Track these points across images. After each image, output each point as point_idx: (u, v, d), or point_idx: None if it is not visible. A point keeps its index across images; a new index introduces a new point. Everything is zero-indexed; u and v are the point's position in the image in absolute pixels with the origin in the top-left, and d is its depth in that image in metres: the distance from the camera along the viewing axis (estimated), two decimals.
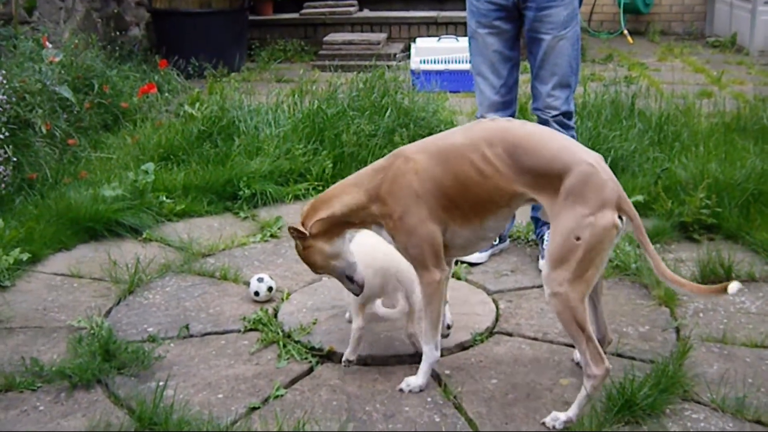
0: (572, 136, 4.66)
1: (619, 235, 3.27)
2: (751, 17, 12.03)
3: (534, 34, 4.65)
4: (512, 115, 4.78)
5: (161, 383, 3.46)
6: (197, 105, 6.85)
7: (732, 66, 11.01)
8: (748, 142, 6.35)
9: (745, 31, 12.25)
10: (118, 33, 9.93)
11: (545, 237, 4.69)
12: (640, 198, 5.26)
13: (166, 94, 8.14)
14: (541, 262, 4.59)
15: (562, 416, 3.27)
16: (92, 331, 3.92)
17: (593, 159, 3.31)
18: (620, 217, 3.23)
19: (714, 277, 4.43)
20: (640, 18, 14.00)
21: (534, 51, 4.69)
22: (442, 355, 3.66)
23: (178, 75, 8.81)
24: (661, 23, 14.02)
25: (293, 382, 3.62)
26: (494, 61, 4.73)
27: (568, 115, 4.71)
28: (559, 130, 4.36)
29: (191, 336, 4.01)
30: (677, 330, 4.04)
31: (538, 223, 4.82)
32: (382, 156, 6.15)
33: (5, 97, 5.47)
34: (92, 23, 9.58)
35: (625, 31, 13.28)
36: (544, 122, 4.66)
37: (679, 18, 14.15)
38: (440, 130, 6.54)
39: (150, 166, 5.67)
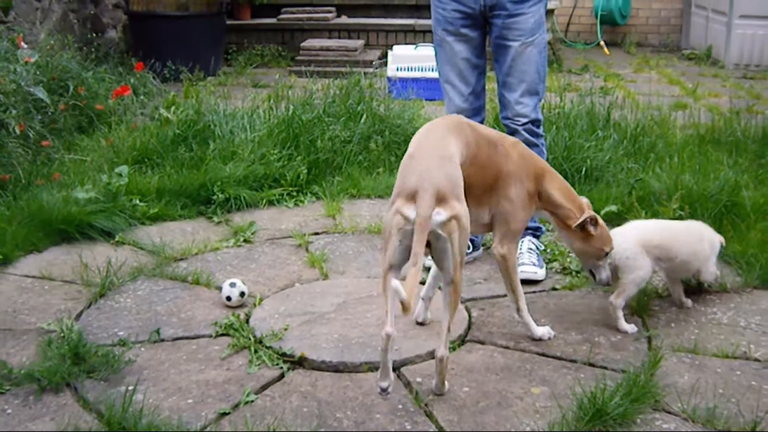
0: (542, 144, 4.78)
1: (410, 226, 3.27)
2: (727, 30, 12.12)
3: (501, 41, 4.66)
4: (482, 122, 4.78)
5: (131, 387, 3.44)
6: (173, 108, 6.82)
7: (707, 78, 11.09)
8: (721, 154, 6.40)
9: (721, 44, 12.34)
10: (94, 35, 9.91)
11: (521, 245, 4.71)
12: (614, 208, 5.29)
13: (142, 97, 8.10)
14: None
15: None
16: (62, 334, 3.89)
17: (439, 150, 3.48)
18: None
19: (686, 287, 4.45)
20: (616, 29, 14.08)
21: (501, 59, 4.69)
22: (412, 363, 3.69)
23: (154, 78, 8.77)
24: (637, 35, 14.11)
25: (264, 387, 3.59)
26: (462, 68, 4.73)
27: (536, 123, 4.73)
28: (529, 139, 4.61)
29: (162, 340, 3.99)
30: (649, 340, 4.05)
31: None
32: (357, 162, 6.22)
33: None
34: (69, 24, 9.55)
35: (602, 42, 13.36)
36: (512, 131, 4.66)
37: (655, 30, 14.24)
38: None
39: (124, 169, 5.64)
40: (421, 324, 4.08)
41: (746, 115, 7.66)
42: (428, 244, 3.35)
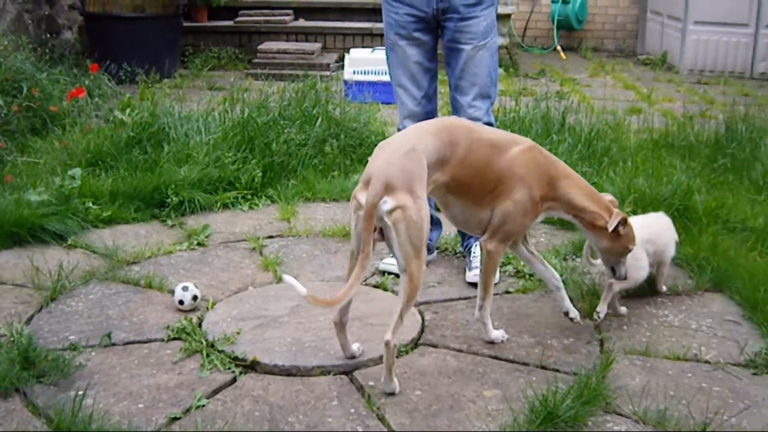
0: None
1: (362, 211, 3.47)
2: (682, 36, 12.23)
3: (454, 45, 4.65)
4: None
5: (80, 392, 3.41)
6: (128, 111, 6.77)
7: (662, 83, 11.19)
8: (675, 158, 6.47)
9: (676, 49, 12.46)
10: (49, 36, 9.81)
11: (472, 249, 4.72)
12: None
13: (97, 99, 8.01)
14: (468, 274, 4.62)
15: None
16: (12, 339, 3.84)
17: (403, 145, 3.63)
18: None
19: (638, 291, 4.49)
20: (573, 34, 14.16)
21: (453, 62, 4.69)
22: (365, 366, 3.71)
23: (109, 80, 8.68)
24: (593, 40, 14.19)
25: (216, 392, 3.58)
26: (415, 72, 4.73)
27: (489, 126, 4.63)
28: None
29: (113, 344, 3.95)
30: (601, 342, 4.08)
31: (465, 236, 4.84)
32: (312, 165, 6.21)
33: None
34: (23, 25, 9.45)
35: (558, 47, 13.43)
36: None
37: (611, 35, 14.34)
38: (371, 141, 6.58)
39: (77, 171, 5.59)
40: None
41: (700, 120, 7.75)
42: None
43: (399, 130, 4.78)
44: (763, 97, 10.21)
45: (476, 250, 4.65)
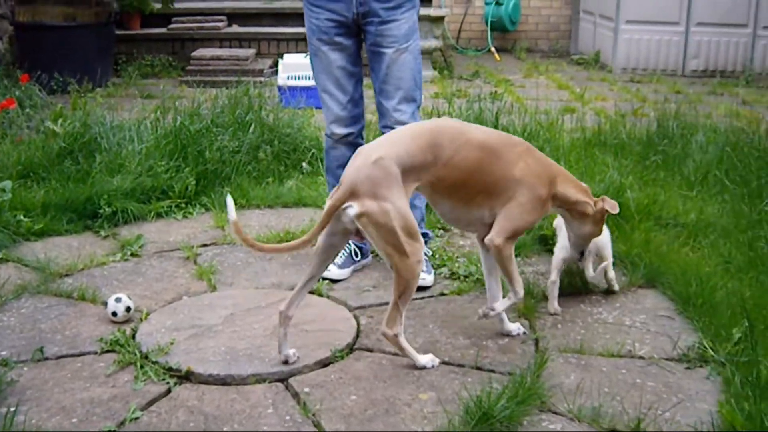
0: None
1: (345, 213, 3.65)
2: (614, 35, 12.38)
3: (376, 48, 4.67)
4: (361, 129, 4.89)
5: (12, 409, 3.36)
6: (60, 121, 6.68)
7: (595, 83, 11.31)
8: (607, 156, 6.54)
9: (608, 48, 12.61)
10: None
11: None
12: None
13: (28, 110, 7.90)
14: None
15: None
16: None
17: (375, 152, 3.73)
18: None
19: (572, 289, 4.53)
20: (507, 36, 14.27)
21: (376, 66, 4.70)
22: (300, 373, 3.71)
23: (41, 90, 8.56)
24: (527, 41, 14.31)
25: (150, 404, 3.54)
26: (339, 77, 4.73)
27: None
28: None
29: (46, 359, 3.90)
30: (536, 342, 4.10)
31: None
32: (246, 172, 6.18)
33: None
34: None
35: (493, 49, 13.53)
36: None
37: (545, 36, 14.47)
38: (305, 147, 6.57)
39: (8, 184, 5.51)
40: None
41: (632, 118, 7.84)
42: None
43: (327, 135, 4.90)
44: (694, 94, 10.38)
45: None
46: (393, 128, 4.56)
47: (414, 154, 3.76)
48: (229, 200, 3.71)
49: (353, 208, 3.60)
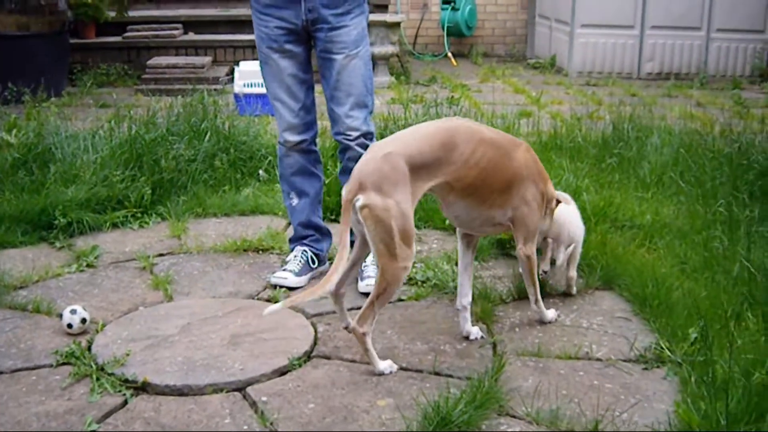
0: None
1: (353, 210, 3.70)
2: (570, 40, 12.45)
3: (326, 55, 4.65)
4: (314, 136, 4.89)
5: None
6: (14, 131, 6.63)
7: (552, 86, 11.36)
8: (563, 159, 6.56)
9: (564, 52, 12.68)
10: None
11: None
12: None
13: None
14: (360, 284, 4.62)
15: None
16: None
17: (385, 148, 3.78)
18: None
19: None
20: (463, 41, 14.32)
21: (327, 72, 4.68)
22: (258, 382, 3.68)
23: None
24: (484, 45, 14.38)
25: (106, 416, 3.50)
26: (290, 84, 4.72)
27: (369, 135, 4.72)
28: (360, 152, 4.57)
29: (0, 373, 3.85)
30: (494, 345, 4.10)
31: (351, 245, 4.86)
32: (202, 180, 6.15)
33: None
34: None
35: (449, 54, 13.57)
36: (345, 147, 4.72)
37: (501, 40, 14.54)
38: (262, 154, 6.55)
39: None
40: (466, 338, 4.21)
41: (588, 122, 7.87)
42: None
43: (280, 143, 4.90)
44: (649, 97, 10.45)
45: (368, 258, 4.65)
46: (345, 135, 4.69)
47: (425, 152, 3.79)
48: (270, 309, 3.75)
49: (359, 200, 3.65)
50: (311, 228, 4.97)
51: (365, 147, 4.58)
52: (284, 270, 4.81)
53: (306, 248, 4.93)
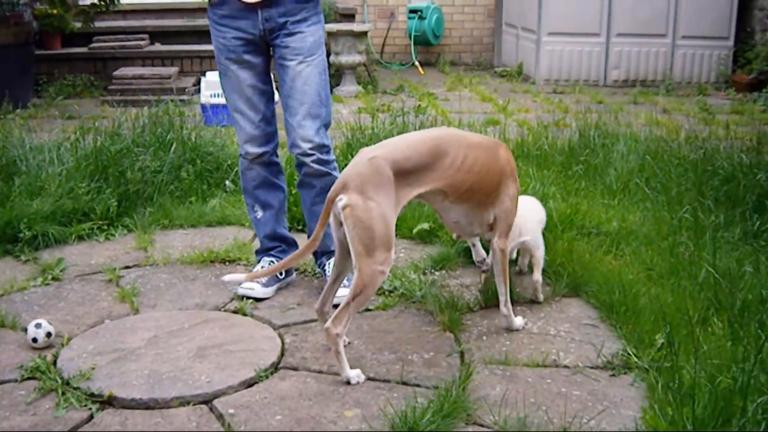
0: (333, 170, 4.72)
1: (336, 206, 3.77)
2: (536, 47, 12.50)
3: (281, 62, 4.60)
4: (275, 148, 4.84)
5: None
6: None
7: (519, 94, 11.40)
8: (530, 167, 6.57)
9: (531, 60, 12.73)
10: None
11: (326, 267, 4.76)
12: (425, 225, 5.41)
13: None
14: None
15: None
16: None
17: (372, 152, 3.87)
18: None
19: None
20: (430, 49, 14.34)
21: (282, 80, 4.63)
22: (224, 394, 3.66)
23: None
24: (451, 54, 14.40)
25: (72, 431, 3.47)
26: (250, 95, 4.67)
27: (322, 148, 4.64)
28: (314, 167, 4.63)
29: None
30: (461, 354, 4.10)
31: (317, 255, 4.90)
32: (168, 192, 6.12)
33: None
34: None
35: (417, 63, 13.58)
36: (300, 163, 4.67)
37: (468, 49, 14.57)
38: (228, 165, 6.53)
39: None
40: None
41: (554, 129, 7.90)
42: None
43: (241, 156, 4.85)
44: (615, 104, 10.51)
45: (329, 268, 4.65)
46: (298, 146, 4.62)
47: (412, 158, 3.88)
48: (228, 278, 4.00)
49: (342, 200, 3.71)
50: (277, 239, 4.95)
51: (321, 163, 4.63)
52: (251, 281, 4.73)
53: (273, 259, 4.91)
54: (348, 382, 3.79)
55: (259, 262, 4.97)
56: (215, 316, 4.51)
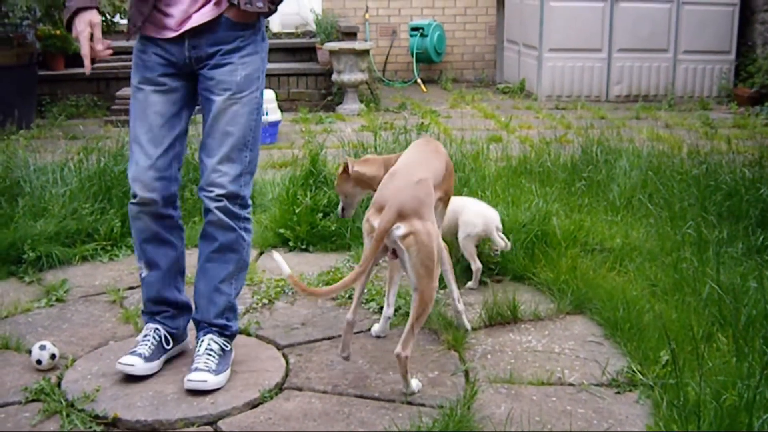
0: (243, 230, 4.04)
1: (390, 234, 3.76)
2: (538, 64, 12.52)
3: (205, 94, 3.94)
4: (171, 199, 4.09)
5: None
6: None
7: (521, 111, 11.42)
8: (533, 183, 6.57)
9: (533, 77, 12.75)
10: None
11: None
12: None
13: None
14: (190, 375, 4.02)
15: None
16: None
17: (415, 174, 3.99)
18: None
19: (500, 318, 4.54)
20: (432, 67, 14.37)
21: (204, 116, 3.96)
22: (229, 416, 3.67)
23: None
24: (453, 71, 14.43)
25: None
26: (154, 124, 3.94)
27: (236, 199, 3.96)
28: (222, 219, 3.96)
29: None
30: (466, 373, 4.09)
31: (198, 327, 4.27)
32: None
33: None
34: None
35: (419, 80, 13.61)
36: (206, 209, 3.98)
37: (470, 66, 14.60)
38: None
39: None
40: (377, 337, 4.49)
41: (557, 145, 7.90)
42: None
43: (131, 201, 4.08)
44: (618, 119, 10.52)
45: (200, 350, 4.06)
46: (207, 191, 3.95)
47: (440, 173, 4.16)
48: (278, 256, 3.86)
49: (401, 229, 3.71)
50: (163, 304, 4.19)
51: (229, 215, 3.96)
52: (133, 353, 4.05)
53: (159, 326, 4.16)
54: (412, 394, 3.86)
55: (146, 323, 4.22)
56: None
